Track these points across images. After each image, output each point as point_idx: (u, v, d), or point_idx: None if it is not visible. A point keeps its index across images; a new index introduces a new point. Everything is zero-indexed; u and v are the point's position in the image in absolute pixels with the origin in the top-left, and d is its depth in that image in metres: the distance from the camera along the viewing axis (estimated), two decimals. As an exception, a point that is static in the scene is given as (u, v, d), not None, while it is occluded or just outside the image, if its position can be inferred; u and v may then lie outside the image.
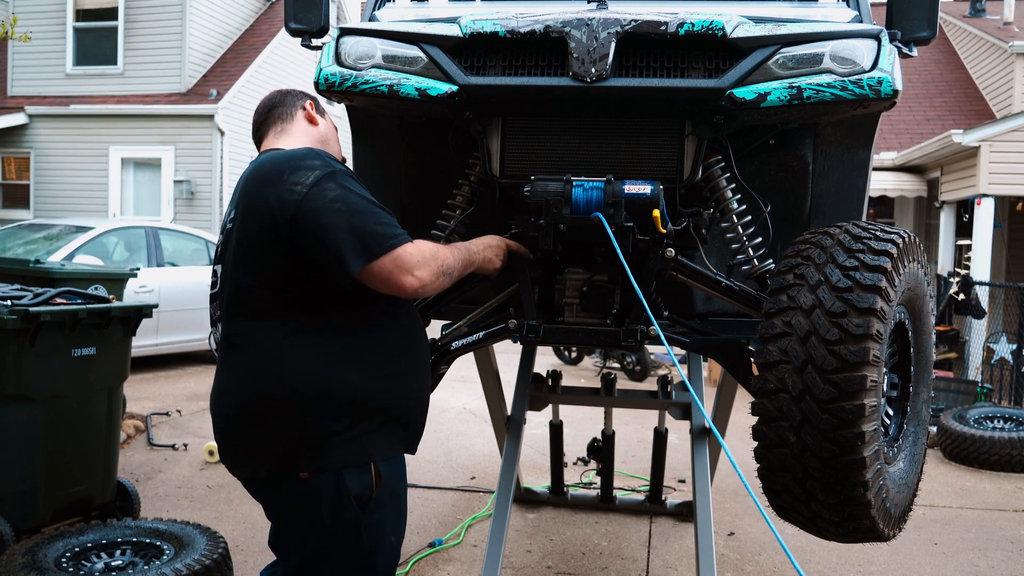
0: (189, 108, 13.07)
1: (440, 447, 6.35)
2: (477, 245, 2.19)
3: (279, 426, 1.87)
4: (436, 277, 1.93)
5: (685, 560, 4.16)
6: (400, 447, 2.01)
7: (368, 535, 1.94)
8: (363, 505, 1.92)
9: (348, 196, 1.86)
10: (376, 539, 1.95)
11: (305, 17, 2.70)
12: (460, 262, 2.06)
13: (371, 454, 1.92)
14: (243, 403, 1.92)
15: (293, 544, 2.00)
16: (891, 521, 2.14)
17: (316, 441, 1.87)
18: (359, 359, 1.92)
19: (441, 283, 1.97)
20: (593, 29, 2.20)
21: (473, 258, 2.14)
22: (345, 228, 1.82)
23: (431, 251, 1.94)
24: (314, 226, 1.83)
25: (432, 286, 1.93)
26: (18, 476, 3.63)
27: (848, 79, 2.15)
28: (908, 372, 2.35)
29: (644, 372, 9.18)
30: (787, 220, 2.59)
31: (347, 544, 1.93)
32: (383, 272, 1.84)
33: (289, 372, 1.87)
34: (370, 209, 1.88)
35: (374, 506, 1.93)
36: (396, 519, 2.02)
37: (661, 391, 3.76)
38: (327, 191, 1.85)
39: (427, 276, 1.90)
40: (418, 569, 4.00)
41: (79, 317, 3.74)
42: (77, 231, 8.47)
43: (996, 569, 4.25)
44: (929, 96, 14.10)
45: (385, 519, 1.97)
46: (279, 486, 1.95)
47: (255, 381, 1.90)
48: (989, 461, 6.21)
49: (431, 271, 1.91)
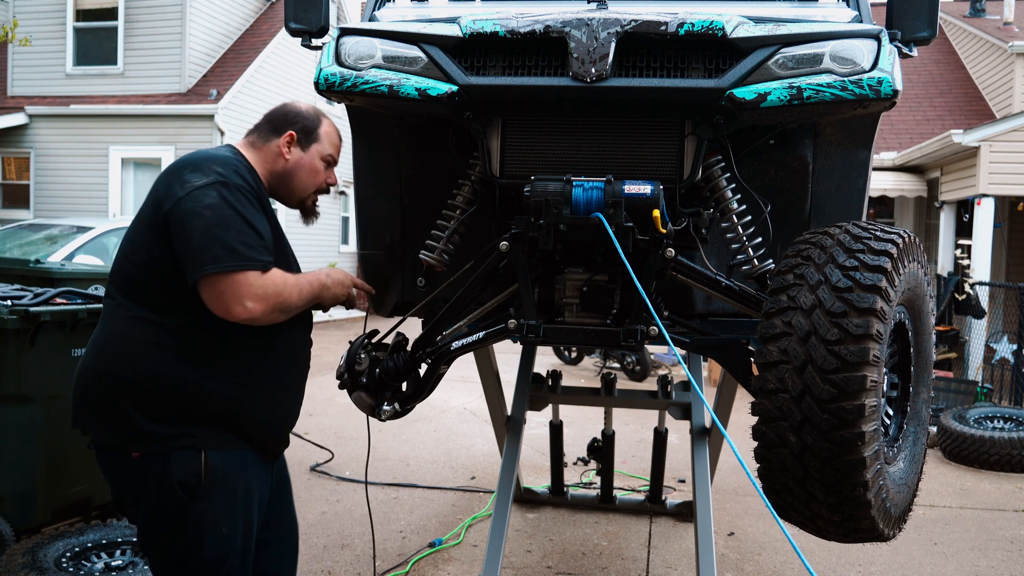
0: (189, 108, 13.07)
1: (440, 447, 6.35)
2: (330, 280, 2.22)
3: (115, 404, 2.01)
4: (270, 312, 2.00)
5: (685, 560, 4.16)
6: (241, 443, 2.10)
7: (193, 521, 2.02)
8: (189, 491, 2.01)
9: (223, 208, 1.96)
10: (202, 526, 2.02)
11: (305, 17, 2.70)
12: (304, 300, 2.12)
13: (201, 443, 2.02)
14: (87, 376, 2.06)
15: (128, 515, 2.16)
16: (891, 521, 2.14)
17: (147, 424, 1.99)
18: (210, 359, 2.03)
19: (275, 318, 2.04)
20: (593, 29, 2.20)
21: (323, 295, 2.19)
22: (203, 234, 1.92)
23: (276, 288, 2.00)
24: (181, 224, 1.95)
25: (262, 320, 2.00)
26: (18, 476, 3.63)
27: (848, 79, 2.15)
28: (908, 372, 2.35)
29: (644, 372, 9.18)
30: (787, 220, 2.59)
31: (171, 526, 2.03)
32: (216, 289, 1.94)
33: (135, 357, 2.00)
34: (236, 226, 1.95)
35: (202, 494, 2.02)
36: (228, 509, 2.07)
37: (661, 391, 3.76)
38: (206, 197, 1.96)
39: (259, 310, 1.97)
40: (418, 569, 4.00)
41: (79, 317, 3.74)
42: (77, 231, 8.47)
43: (996, 569, 4.25)
44: (929, 96, 14.10)
45: (214, 508, 2.04)
46: (112, 460, 2.08)
47: (104, 359, 2.04)
48: (989, 461, 6.22)
49: (266, 306, 1.98)
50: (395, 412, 2.58)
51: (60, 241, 8.25)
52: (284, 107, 2.33)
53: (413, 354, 2.61)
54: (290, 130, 2.27)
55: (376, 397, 2.57)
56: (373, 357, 2.57)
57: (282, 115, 2.30)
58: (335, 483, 5.30)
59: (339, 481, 5.34)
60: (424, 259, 2.55)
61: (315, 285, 2.17)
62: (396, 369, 2.55)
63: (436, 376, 2.62)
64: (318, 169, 2.32)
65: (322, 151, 2.31)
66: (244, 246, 1.95)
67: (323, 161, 2.32)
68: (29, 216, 13.27)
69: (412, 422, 6.92)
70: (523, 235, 2.27)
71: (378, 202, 2.77)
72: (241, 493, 2.11)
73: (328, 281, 2.22)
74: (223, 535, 2.06)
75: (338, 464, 5.70)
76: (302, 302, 2.11)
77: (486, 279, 2.46)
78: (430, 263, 2.54)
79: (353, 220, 2.86)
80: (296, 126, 2.28)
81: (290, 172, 2.27)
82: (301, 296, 2.10)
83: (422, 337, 2.61)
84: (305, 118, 2.30)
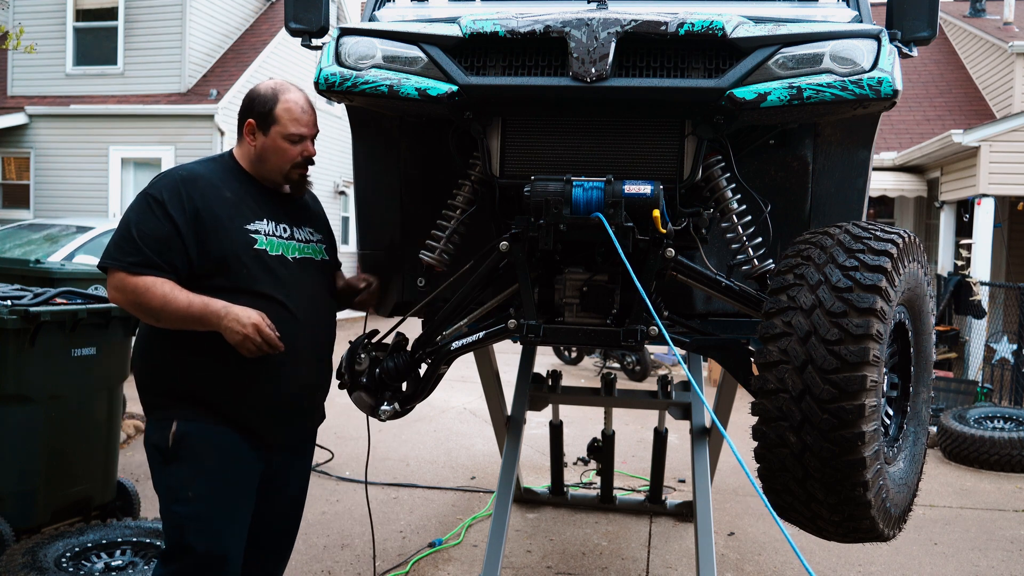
0: (189, 108, 13.06)
1: (440, 447, 6.35)
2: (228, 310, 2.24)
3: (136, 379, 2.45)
4: (127, 306, 2.27)
5: (685, 560, 4.16)
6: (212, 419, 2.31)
7: (164, 480, 2.34)
8: (162, 453, 2.32)
9: (125, 216, 2.30)
10: (169, 486, 2.32)
11: (305, 17, 2.70)
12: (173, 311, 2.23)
13: (172, 415, 2.31)
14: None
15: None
16: (891, 521, 2.14)
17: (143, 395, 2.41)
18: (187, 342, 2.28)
19: (144, 318, 2.30)
20: (593, 29, 2.20)
21: (208, 319, 2.24)
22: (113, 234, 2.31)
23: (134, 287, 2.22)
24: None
25: (131, 312, 2.31)
26: (18, 476, 3.63)
27: (848, 79, 2.15)
28: (908, 372, 2.35)
29: (644, 372, 9.18)
30: (787, 220, 2.58)
31: (154, 477, 2.39)
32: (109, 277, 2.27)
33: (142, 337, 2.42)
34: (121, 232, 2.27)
35: (170, 457, 2.30)
36: (191, 476, 2.30)
37: (661, 391, 3.76)
38: (130, 206, 2.32)
39: (118, 299, 2.28)
40: (418, 569, 4.00)
41: (79, 317, 3.74)
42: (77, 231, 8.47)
43: (996, 569, 4.25)
44: (929, 96, 14.10)
45: (180, 472, 2.30)
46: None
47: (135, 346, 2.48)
48: (989, 461, 6.22)
49: (123, 299, 2.26)
50: (395, 412, 2.58)
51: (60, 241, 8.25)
52: (247, 93, 2.43)
53: (413, 354, 2.61)
54: (249, 118, 2.39)
55: (376, 397, 2.57)
56: (373, 357, 2.57)
57: (244, 103, 2.41)
58: (335, 483, 5.30)
59: (339, 481, 5.34)
60: (424, 259, 2.55)
61: (199, 309, 2.23)
62: (396, 369, 2.55)
63: (436, 376, 2.62)
64: (284, 149, 2.37)
65: (282, 132, 2.36)
66: (116, 248, 2.25)
67: (286, 140, 2.36)
68: (29, 216, 13.27)
69: (412, 422, 6.92)
70: (523, 235, 2.27)
71: (378, 202, 2.77)
72: (209, 464, 2.30)
73: (224, 314, 2.23)
74: (188, 498, 2.28)
75: (338, 464, 5.70)
76: (172, 315, 2.23)
77: (486, 279, 2.46)
78: (430, 263, 2.54)
79: (353, 220, 2.86)
80: (253, 112, 2.38)
81: (259, 157, 2.40)
82: (167, 307, 2.22)
83: (422, 337, 2.61)
84: (261, 102, 2.38)
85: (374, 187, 2.76)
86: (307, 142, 2.41)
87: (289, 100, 2.37)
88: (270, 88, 2.39)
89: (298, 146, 2.39)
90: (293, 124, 2.36)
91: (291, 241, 2.43)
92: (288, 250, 2.40)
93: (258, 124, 2.37)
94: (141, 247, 2.22)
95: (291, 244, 2.42)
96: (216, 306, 2.24)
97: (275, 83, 2.42)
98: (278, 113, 2.35)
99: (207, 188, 2.31)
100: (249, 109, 2.39)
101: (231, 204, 2.33)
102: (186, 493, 2.29)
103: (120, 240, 2.26)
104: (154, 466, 2.37)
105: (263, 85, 2.42)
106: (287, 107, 2.36)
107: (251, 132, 2.39)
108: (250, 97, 2.41)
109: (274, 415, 2.39)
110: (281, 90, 2.39)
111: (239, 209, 2.34)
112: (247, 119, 2.39)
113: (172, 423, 2.30)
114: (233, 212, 2.32)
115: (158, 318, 2.25)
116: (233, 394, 2.31)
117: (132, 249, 2.23)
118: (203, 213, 2.27)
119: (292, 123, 2.36)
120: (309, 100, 2.44)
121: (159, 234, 2.24)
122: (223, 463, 2.32)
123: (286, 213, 2.46)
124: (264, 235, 2.35)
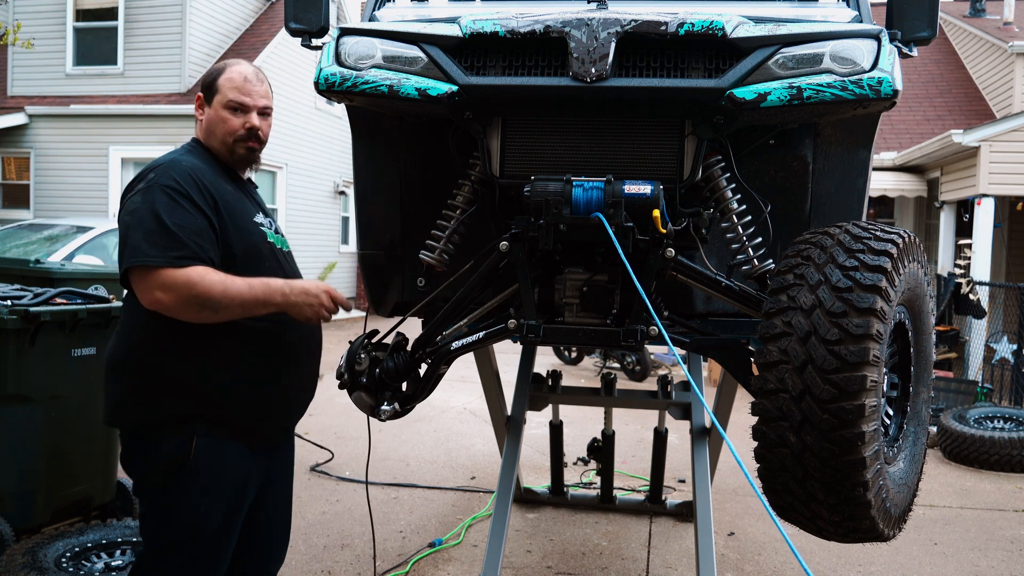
0: (189, 108, 13.03)
1: (440, 447, 6.35)
2: (292, 292, 2.20)
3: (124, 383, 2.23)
4: (184, 303, 2.08)
5: (685, 560, 4.16)
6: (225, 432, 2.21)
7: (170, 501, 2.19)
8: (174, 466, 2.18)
9: (140, 210, 2.11)
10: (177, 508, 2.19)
11: (305, 17, 2.70)
12: (238, 300, 2.12)
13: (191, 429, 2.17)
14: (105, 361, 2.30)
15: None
16: (891, 521, 2.14)
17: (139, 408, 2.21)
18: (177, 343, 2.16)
19: (195, 311, 2.10)
20: (593, 29, 2.20)
21: (273, 299, 2.17)
22: (123, 238, 2.13)
23: (188, 280, 2.06)
24: (119, 224, 2.19)
25: (178, 310, 2.09)
26: (18, 476, 3.63)
27: (848, 79, 2.15)
28: (908, 372, 2.35)
29: (644, 372, 9.18)
30: (787, 220, 2.59)
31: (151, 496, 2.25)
32: (134, 283, 2.12)
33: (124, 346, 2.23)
34: (148, 227, 2.09)
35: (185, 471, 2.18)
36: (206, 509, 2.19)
37: (661, 391, 3.76)
38: (132, 203, 2.15)
39: (168, 300, 2.07)
40: (418, 569, 4.00)
41: (79, 317, 3.74)
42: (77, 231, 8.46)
43: (996, 569, 4.25)
44: (929, 96, 14.10)
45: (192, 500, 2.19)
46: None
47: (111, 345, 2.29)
48: (989, 461, 6.21)
49: (176, 297, 2.07)
50: (395, 412, 2.58)
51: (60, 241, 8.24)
52: (207, 75, 2.40)
53: (413, 354, 2.61)
54: (198, 93, 2.37)
55: (376, 397, 2.57)
56: (373, 357, 2.57)
57: (203, 83, 2.38)
58: (335, 483, 5.30)
59: (339, 481, 5.34)
60: (424, 259, 2.55)
61: (262, 290, 2.15)
62: (396, 369, 2.55)
63: (436, 376, 2.62)
64: (225, 118, 2.32)
65: (223, 100, 2.32)
66: (150, 244, 2.07)
67: (227, 109, 2.32)
68: (29, 216, 13.27)
69: (412, 422, 6.92)
70: (523, 235, 2.27)
71: (378, 202, 2.77)
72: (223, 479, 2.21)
73: (288, 291, 2.18)
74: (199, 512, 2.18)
75: (338, 464, 5.70)
76: (233, 301, 2.11)
77: (486, 279, 2.46)
78: (430, 263, 2.54)
79: (353, 220, 2.86)
80: (203, 87, 2.37)
81: (207, 131, 2.35)
82: (229, 294, 2.10)
83: (422, 337, 2.61)
84: (209, 75, 2.38)
85: (374, 187, 2.76)
86: (251, 114, 2.33)
87: (233, 70, 2.34)
88: (222, 64, 2.37)
89: (240, 117, 2.32)
90: (233, 92, 2.31)
91: (276, 234, 2.43)
92: (278, 242, 2.41)
93: (204, 96, 2.35)
94: (183, 240, 2.09)
95: (278, 237, 2.42)
96: (276, 283, 2.18)
97: (229, 60, 2.41)
98: (220, 83, 2.33)
99: (214, 180, 2.25)
100: (201, 85, 2.37)
101: (235, 197, 2.30)
102: (199, 508, 2.18)
103: (153, 235, 2.08)
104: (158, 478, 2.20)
105: (219, 64, 2.41)
106: (229, 76, 2.33)
107: (200, 106, 2.36)
108: (202, 76, 2.40)
109: (279, 412, 2.37)
110: (230, 63, 2.37)
111: (242, 202, 2.32)
112: (196, 95, 2.38)
113: (193, 437, 2.17)
114: (240, 205, 2.29)
115: (217, 309, 2.10)
116: (242, 398, 2.23)
117: (172, 243, 2.08)
118: (221, 206, 2.22)
119: (232, 91, 2.31)
120: (259, 72, 2.39)
121: (196, 226, 2.13)
122: (234, 477, 2.23)
123: (259, 205, 2.44)
124: (264, 227, 2.36)
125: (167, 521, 2.19)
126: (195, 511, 2.18)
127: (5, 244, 8.33)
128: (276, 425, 2.38)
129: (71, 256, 7.83)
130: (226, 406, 2.21)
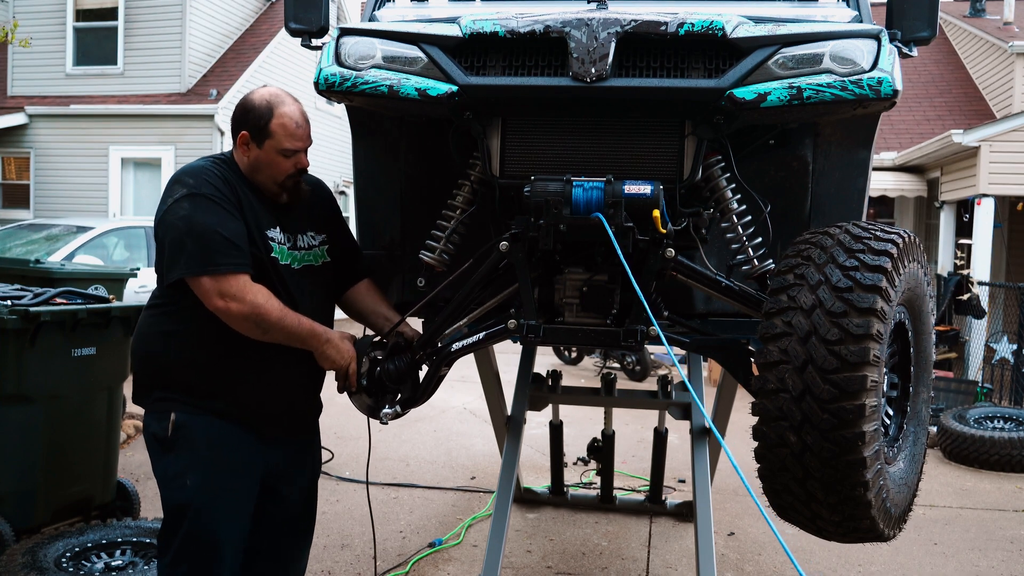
0: (189, 108, 13.05)
1: (440, 447, 6.35)
2: (329, 336, 2.37)
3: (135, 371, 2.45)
4: (245, 313, 2.19)
5: (685, 560, 4.16)
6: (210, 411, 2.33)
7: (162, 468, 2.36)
8: (160, 442, 2.34)
9: (192, 218, 2.19)
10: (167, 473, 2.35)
11: (305, 17, 2.70)
12: (285, 326, 2.26)
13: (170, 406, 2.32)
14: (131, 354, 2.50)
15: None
16: (891, 521, 2.14)
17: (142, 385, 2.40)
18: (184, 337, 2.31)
19: (248, 329, 2.23)
20: (593, 29, 2.20)
21: (310, 343, 2.34)
22: (173, 244, 2.21)
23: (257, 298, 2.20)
24: (160, 234, 2.27)
25: (236, 317, 2.21)
26: (18, 476, 3.63)
27: (848, 79, 2.15)
28: (908, 372, 2.35)
29: (644, 372, 9.18)
30: (787, 220, 2.58)
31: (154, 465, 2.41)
32: (196, 289, 2.21)
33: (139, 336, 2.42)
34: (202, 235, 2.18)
35: (169, 446, 2.33)
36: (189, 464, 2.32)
37: (661, 391, 3.76)
38: (179, 210, 2.21)
39: (232, 308, 2.19)
40: (418, 569, 4.00)
41: (79, 317, 3.74)
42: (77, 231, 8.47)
43: (996, 569, 4.25)
44: (929, 96, 14.09)
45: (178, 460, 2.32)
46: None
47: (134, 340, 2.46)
48: (989, 461, 6.21)
49: (241, 307, 2.19)
50: (396, 414, 2.58)
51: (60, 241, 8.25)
52: (240, 103, 2.36)
53: (414, 356, 2.60)
54: (243, 130, 2.34)
55: (377, 399, 2.56)
56: (373, 359, 2.57)
57: (238, 113, 2.36)
58: (335, 483, 5.30)
59: (339, 481, 5.34)
60: (424, 259, 2.55)
61: (308, 332, 2.31)
62: (397, 371, 2.55)
63: (437, 377, 2.62)
64: (278, 162, 2.34)
65: (277, 146, 2.32)
66: (210, 254, 2.17)
67: (281, 155, 2.33)
68: (29, 216, 13.25)
69: (412, 422, 6.92)
70: (523, 235, 2.27)
71: (378, 202, 2.77)
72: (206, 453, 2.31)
73: (326, 340, 2.36)
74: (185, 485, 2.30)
75: (338, 464, 5.70)
76: (282, 326, 2.25)
77: (486, 279, 2.46)
78: (430, 263, 2.54)
79: (353, 220, 2.86)
80: (248, 124, 2.33)
81: (253, 168, 2.37)
82: (282, 323, 2.24)
83: (423, 338, 2.61)
84: (257, 115, 2.32)
85: (374, 187, 2.76)
86: (301, 154, 2.37)
87: (284, 115, 2.31)
88: (264, 100, 2.32)
89: (291, 159, 2.35)
90: (288, 140, 2.32)
91: (294, 251, 2.42)
92: (293, 260, 2.41)
93: (252, 136, 2.32)
94: (240, 246, 2.21)
95: (294, 254, 2.42)
96: (318, 328, 2.34)
97: (269, 94, 2.34)
98: (273, 128, 2.30)
99: (240, 190, 2.31)
100: (243, 121, 2.32)
101: (254, 210, 2.33)
102: (183, 481, 2.30)
103: (209, 244, 2.17)
104: (153, 455, 2.39)
105: (257, 95, 2.35)
106: (282, 122, 2.30)
107: (245, 143, 2.33)
108: (244, 108, 2.33)
109: (268, 411, 2.41)
110: (276, 103, 2.32)
111: (259, 215, 2.34)
112: (241, 131, 2.33)
113: (171, 413, 2.31)
114: (258, 218, 2.33)
115: (266, 331, 2.23)
116: (228, 388, 2.34)
117: (231, 250, 2.19)
118: (247, 216, 2.27)
119: (287, 138, 2.32)
120: (303, 112, 2.39)
121: (243, 232, 2.24)
122: (220, 452, 2.33)
123: (288, 220, 2.44)
124: (276, 243, 2.37)
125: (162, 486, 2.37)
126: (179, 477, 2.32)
127: (5, 244, 8.33)
128: (272, 413, 2.42)
129: (71, 256, 7.84)
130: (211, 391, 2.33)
